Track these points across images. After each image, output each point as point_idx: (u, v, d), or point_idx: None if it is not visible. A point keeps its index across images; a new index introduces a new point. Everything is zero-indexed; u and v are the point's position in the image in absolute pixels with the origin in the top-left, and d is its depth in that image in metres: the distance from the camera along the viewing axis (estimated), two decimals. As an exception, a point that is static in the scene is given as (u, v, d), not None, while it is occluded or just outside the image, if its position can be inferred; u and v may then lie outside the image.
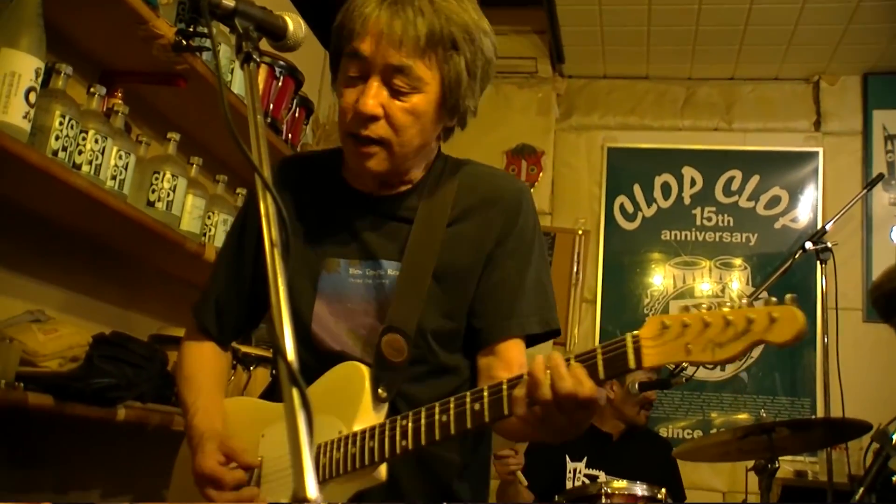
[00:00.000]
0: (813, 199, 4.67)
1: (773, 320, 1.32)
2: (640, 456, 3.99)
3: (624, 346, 1.39)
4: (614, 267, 4.68)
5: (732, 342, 1.33)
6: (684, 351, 1.36)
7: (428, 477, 1.77)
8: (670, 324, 1.37)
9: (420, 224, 1.78)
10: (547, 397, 1.41)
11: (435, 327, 1.76)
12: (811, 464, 4.30)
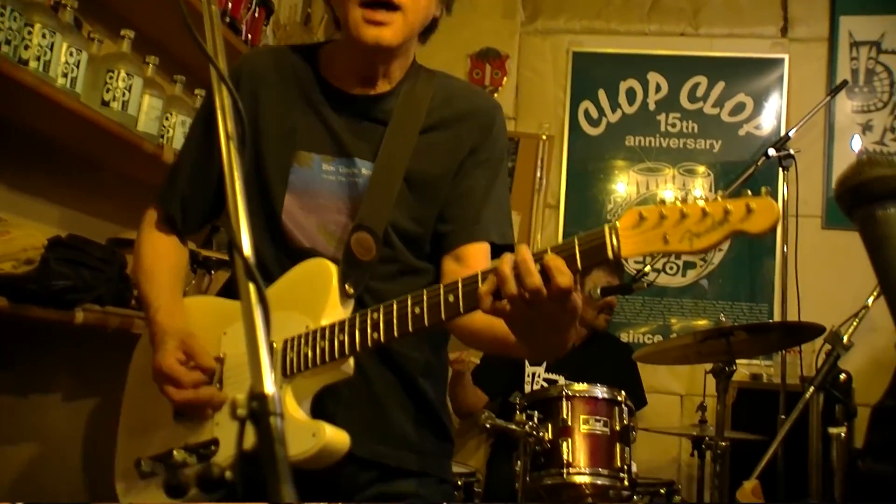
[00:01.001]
0: (777, 106, 4.65)
1: (751, 210, 1.33)
2: (601, 360, 4.05)
3: (602, 236, 1.41)
4: (578, 173, 4.66)
5: (710, 232, 1.34)
6: (662, 240, 1.37)
7: (395, 372, 1.81)
8: (647, 214, 1.38)
9: (395, 127, 1.80)
10: (513, 292, 1.42)
11: (404, 229, 1.79)
12: (766, 367, 4.38)
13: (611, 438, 3.04)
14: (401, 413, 1.82)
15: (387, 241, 1.77)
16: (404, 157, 1.78)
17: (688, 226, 1.36)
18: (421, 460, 1.84)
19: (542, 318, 1.46)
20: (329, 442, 1.60)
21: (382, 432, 1.79)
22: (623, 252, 1.39)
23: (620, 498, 3.13)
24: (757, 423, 3.57)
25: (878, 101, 4.61)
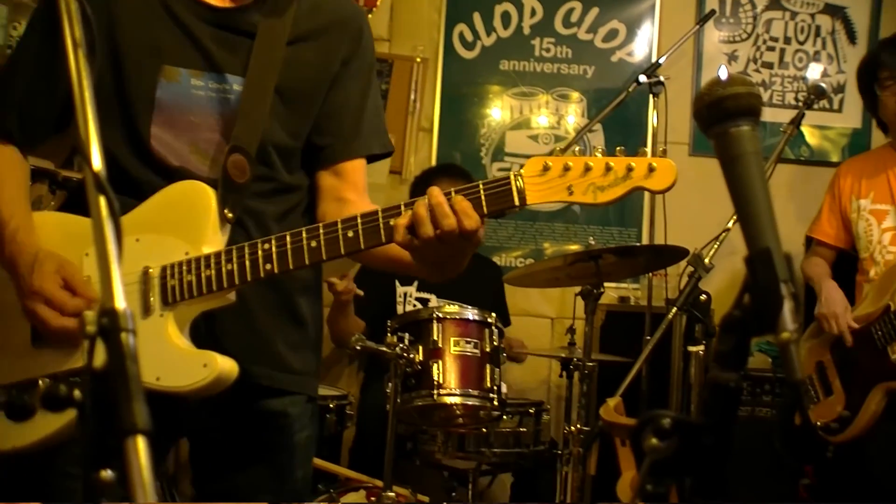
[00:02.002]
0: (649, 34, 4.71)
1: (652, 169, 1.42)
2: (471, 279, 4.07)
3: (508, 184, 1.46)
4: (452, 96, 4.64)
5: (613, 187, 1.41)
6: (567, 191, 1.43)
7: (274, 291, 1.79)
8: (552, 164, 1.43)
9: (262, 40, 1.75)
10: (429, 234, 1.48)
11: (278, 143, 1.77)
12: (634, 290, 4.51)
13: (481, 360, 3.08)
14: (278, 333, 1.82)
15: (262, 158, 1.74)
16: (274, 70, 1.74)
17: (592, 179, 1.43)
18: (293, 379, 1.85)
19: (448, 252, 1.52)
20: (221, 372, 1.60)
21: (258, 353, 1.79)
22: (529, 200, 1.45)
23: (490, 418, 3.20)
24: (624, 344, 3.67)
25: (742, 32, 4.72)
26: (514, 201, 1.47)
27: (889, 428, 3.19)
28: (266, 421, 1.82)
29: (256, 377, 1.77)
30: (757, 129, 1.09)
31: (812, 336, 3.53)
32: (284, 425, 1.83)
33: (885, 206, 3.31)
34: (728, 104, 1.07)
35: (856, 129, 4.65)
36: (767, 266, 1.01)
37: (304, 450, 1.89)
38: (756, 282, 1.01)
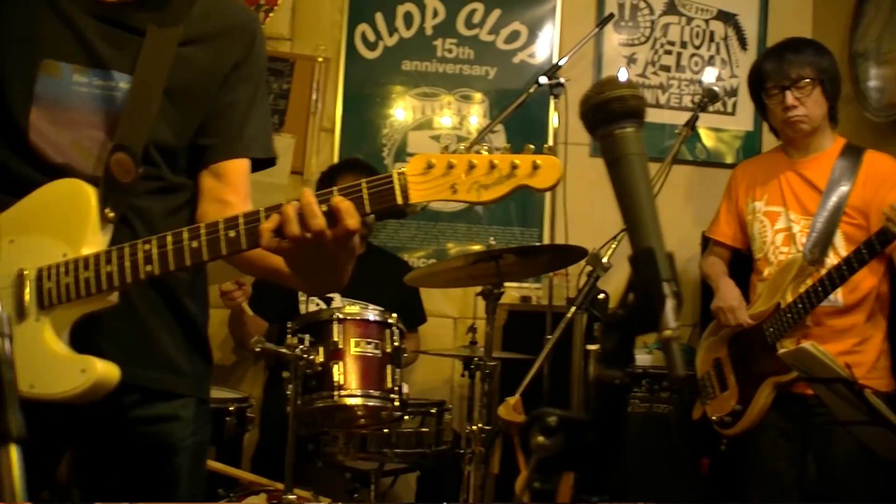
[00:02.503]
0: (550, 35, 4.76)
1: (537, 167, 1.41)
2: (378, 276, 4.09)
3: (390, 182, 1.44)
4: (354, 96, 4.61)
5: (497, 185, 1.40)
6: (450, 189, 1.42)
7: (160, 293, 1.76)
8: (436, 162, 1.41)
9: (152, 39, 1.71)
10: (295, 233, 1.45)
11: (163, 143, 1.73)
12: (536, 289, 4.55)
13: (382, 360, 3.08)
14: (165, 335, 1.79)
15: (147, 158, 1.70)
16: (163, 70, 1.71)
17: (476, 177, 1.42)
18: (183, 382, 1.82)
19: (322, 257, 1.49)
20: (100, 377, 1.55)
21: (146, 356, 1.75)
22: (412, 198, 1.44)
23: (392, 418, 3.20)
24: (527, 342, 3.69)
25: (641, 35, 4.81)
26: (398, 200, 1.45)
27: (776, 420, 3.30)
28: (154, 425, 1.78)
29: (144, 380, 1.74)
30: (641, 131, 1.10)
31: (711, 334, 3.63)
32: (174, 430, 1.80)
33: (778, 209, 3.41)
34: (613, 106, 1.09)
35: (748, 132, 4.78)
36: (650, 265, 1.03)
37: (194, 455, 1.86)
38: (639, 281, 1.03)
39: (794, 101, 3.26)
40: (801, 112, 3.26)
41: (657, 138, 4.71)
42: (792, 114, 3.27)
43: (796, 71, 3.26)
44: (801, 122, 3.28)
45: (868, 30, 4.13)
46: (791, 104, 3.26)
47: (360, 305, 3.58)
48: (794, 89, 3.26)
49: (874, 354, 3.22)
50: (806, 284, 3.17)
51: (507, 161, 1.42)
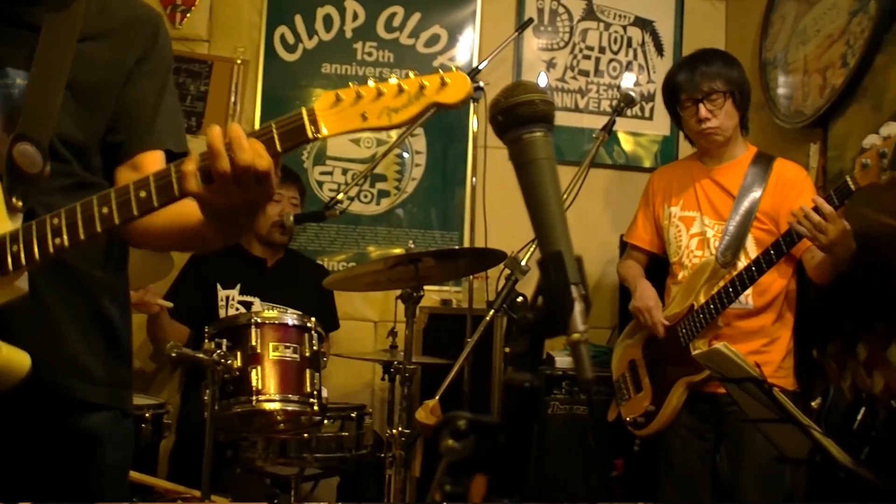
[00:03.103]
0: (471, 39, 4.78)
1: (445, 84, 1.43)
2: (296, 281, 4.07)
3: (300, 119, 1.43)
4: (273, 99, 4.57)
5: (407, 107, 1.41)
6: (360, 118, 1.41)
7: (78, 294, 1.72)
8: (344, 96, 1.42)
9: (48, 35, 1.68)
10: (225, 169, 1.41)
11: (70, 138, 1.70)
12: (456, 293, 4.57)
13: (300, 365, 3.06)
14: (83, 340, 1.74)
15: (55, 153, 1.67)
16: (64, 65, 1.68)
17: (385, 102, 1.42)
18: (105, 392, 1.77)
19: (242, 200, 1.45)
20: (7, 361, 1.50)
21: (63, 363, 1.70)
22: (323, 132, 1.42)
23: (311, 423, 3.18)
24: (447, 346, 3.70)
25: (560, 40, 4.87)
26: (309, 135, 1.43)
27: (688, 420, 3.37)
28: (75, 440, 1.72)
29: (62, 389, 1.69)
30: (550, 136, 1.12)
31: (626, 336, 3.69)
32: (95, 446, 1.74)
33: (693, 213, 3.48)
34: (522, 111, 1.10)
35: (665, 136, 4.87)
36: (559, 269, 1.04)
37: (117, 472, 1.82)
38: (548, 284, 1.04)
39: (707, 114, 3.34)
40: (714, 123, 3.35)
41: (576, 142, 4.77)
42: (706, 126, 3.35)
43: (708, 84, 3.34)
44: (715, 133, 3.37)
45: (776, 39, 4.25)
46: (704, 116, 3.34)
47: (278, 310, 3.56)
48: (707, 102, 3.34)
49: (781, 354, 3.31)
50: (718, 286, 3.24)
51: (414, 83, 1.43)
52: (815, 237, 2.91)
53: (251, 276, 4.05)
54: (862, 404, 3.15)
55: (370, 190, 4.64)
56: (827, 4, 3.85)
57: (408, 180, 4.68)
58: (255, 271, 4.09)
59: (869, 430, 3.00)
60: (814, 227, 2.90)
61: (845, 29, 3.68)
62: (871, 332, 3.38)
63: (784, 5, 4.22)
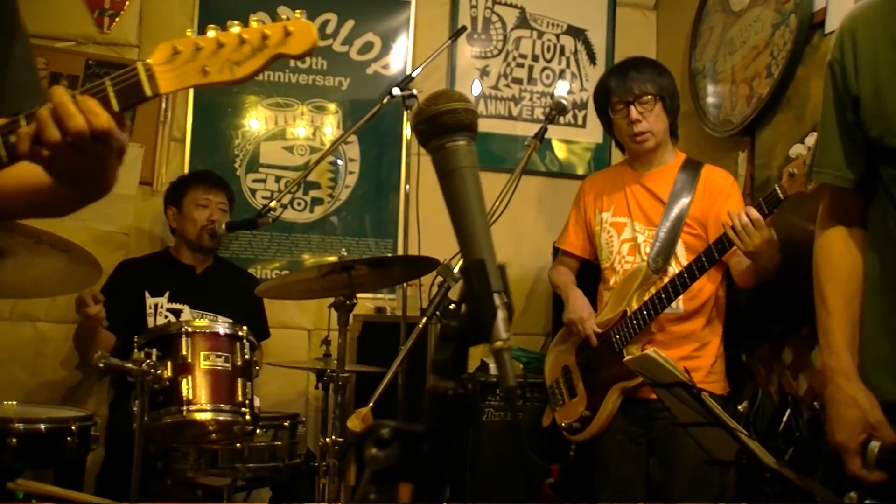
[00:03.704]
0: (405, 47, 4.78)
1: (289, 33, 1.36)
2: (226, 289, 4.03)
3: (136, 75, 1.36)
4: (205, 106, 4.51)
5: (250, 59, 1.36)
6: (201, 73, 1.36)
7: None
8: (182, 48, 1.36)
9: None
10: (55, 138, 1.35)
11: None
12: (390, 300, 4.55)
13: (232, 374, 3.04)
14: None
15: None
16: None
17: (226, 55, 1.36)
18: None
19: (86, 162, 1.40)
20: None
21: None
22: (162, 88, 1.37)
23: (244, 432, 3.15)
24: (381, 354, 3.68)
25: (494, 48, 4.89)
26: (146, 92, 1.38)
27: (623, 424, 3.40)
28: None
29: None
30: (473, 144, 1.12)
31: (560, 342, 3.71)
32: None
33: (624, 219, 3.52)
34: (445, 119, 1.09)
35: (598, 144, 4.92)
36: (482, 277, 1.04)
37: None
38: (471, 292, 1.05)
39: (637, 116, 3.39)
40: (644, 126, 3.40)
41: (510, 150, 4.79)
42: (637, 129, 3.40)
43: (639, 87, 3.40)
44: (646, 137, 3.42)
45: (705, 49, 4.32)
46: (635, 118, 3.39)
47: (209, 318, 3.52)
48: (638, 104, 3.39)
49: (711, 359, 3.36)
50: (650, 292, 3.29)
51: (256, 33, 1.37)
52: (743, 242, 2.97)
53: (180, 283, 4.00)
54: (788, 406, 3.21)
55: (303, 198, 4.61)
56: (752, 17, 3.93)
57: (341, 188, 4.66)
58: (184, 278, 4.04)
59: (794, 431, 3.06)
60: (743, 231, 2.96)
61: (769, 41, 3.76)
62: (797, 337, 3.45)
63: (712, 17, 4.29)
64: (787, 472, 2.41)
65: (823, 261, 2.09)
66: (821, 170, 2.05)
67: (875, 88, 1.83)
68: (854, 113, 1.90)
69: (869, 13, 1.91)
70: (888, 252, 1.89)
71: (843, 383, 1.92)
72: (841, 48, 1.93)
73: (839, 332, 1.98)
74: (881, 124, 1.83)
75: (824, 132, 2.01)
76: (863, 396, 1.88)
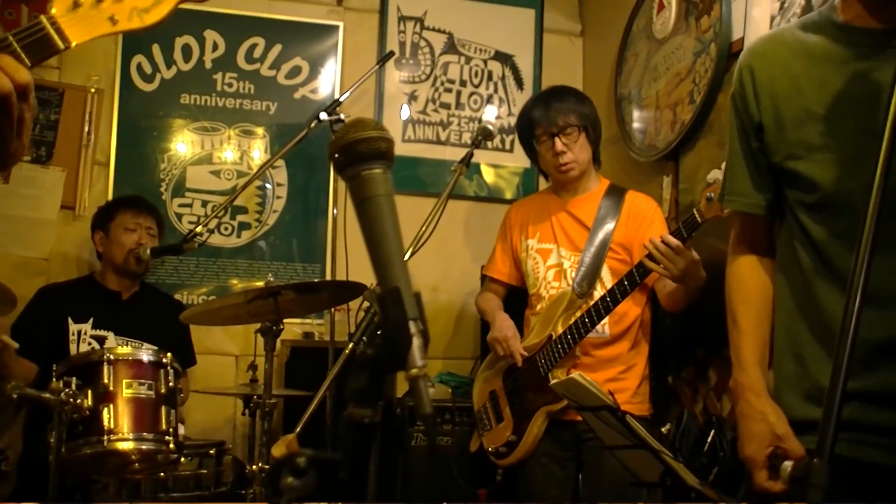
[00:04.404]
0: (332, 72, 4.78)
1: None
2: (151, 315, 3.97)
3: (42, 28, 1.33)
4: (130, 129, 4.45)
5: (157, 5, 1.39)
6: (109, 22, 1.35)
7: None
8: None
9: None
10: None
11: None
12: (318, 325, 4.53)
13: (156, 402, 2.99)
14: None
15: None
16: None
17: (133, 3, 1.37)
18: None
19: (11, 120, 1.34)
20: None
21: None
22: (72, 38, 1.35)
23: (168, 461, 3.09)
24: (310, 379, 3.65)
25: (422, 73, 4.92)
26: (58, 45, 1.35)
27: (549, 448, 3.42)
28: None
29: None
30: (389, 172, 1.12)
31: (487, 367, 3.72)
32: None
33: (549, 246, 3.55)
34: (360, 148, 1.10)
35: (526, 169, 4.96)
36: (397, 305, 1.04)
37: None
38: (386, 320, 1.05)
39: (562, 147, 3.43)
40: (570, 157, 3.45)
41: (439, 174, 4.81)
42: (562, 160, 3.44)
43: (563, 118, 3.44)
44: (571, 168, 3.46)
45: (630, 75, 4.39)
46: (561, 150, 3.43)
47: (133, 345, 3.46)
48: (562, 136, 3.44)
49: (637, 381, 3.40)
50: (575, 316, 3.32)
51: None
52: (666, 268, 3.02)
53: (105, 309, 3.92)
54: (712, 427, 3.25)
55: (231, 222, 4.57)
56: (675, 44, 4.01)
57: (269, 212, 4.63)
58: (109, 305, 3.96)
59: (718, 450, 3.10)
60: (664, 258, 3.01)
61: (691, 68, 3.84)
62: (721, 358, 3.51)
63: (637, 44, 4.37)
64: (709, 492, 2.45)
65: (735, 284, 2.16)
66: (731, 197, 2.11)
67: (775, 116, 1.92)
68: (758, 140, 1.99)
69: (764, 47, 2.01)
70: (795, 275, 1.96)
71: (752, 399, 1.97)
72: (741, 81, 2.02)
73: (749, 350, 2.04)
74: (783, 149, 1.92)
75: (732, 160, 2.09)
76: (771, 411, 1.93)
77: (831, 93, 1.81)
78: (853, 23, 1.82)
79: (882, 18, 1.77)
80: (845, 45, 1.82)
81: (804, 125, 1.86)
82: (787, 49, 1.93)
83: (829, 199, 1.83)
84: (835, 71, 1.82)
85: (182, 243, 3.66)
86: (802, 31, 1.94)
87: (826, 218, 1.85)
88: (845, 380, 1.13)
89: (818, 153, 1.83)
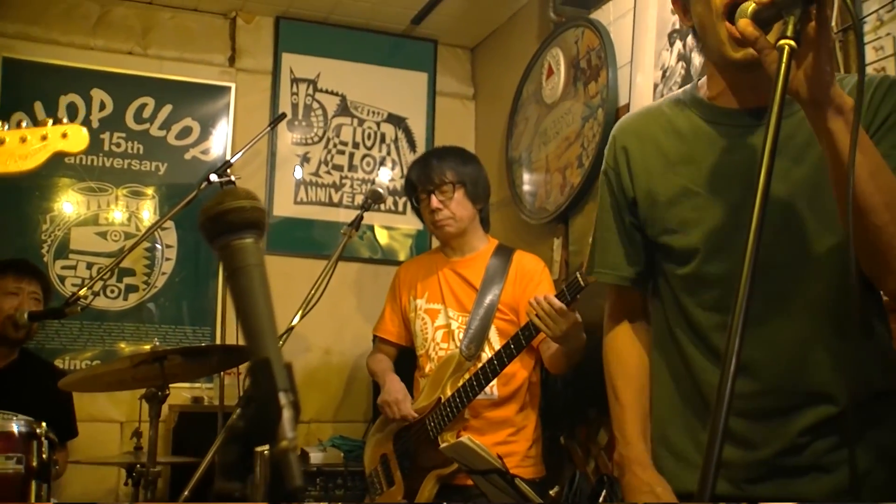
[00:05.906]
0: (224, 133, 4.76)
1: (66, 135, 1.75)
2: (29, 385, 3.82)
3: None
4: (10, 189, 4.31)
5: (36, 154, 1.66)
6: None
7: None
8: None
9: None
10: None
11: None
12: (207, 389, 4.43)
13: (26, 477, 2.85)
14: None
15: None
16: None
17: (11, 150, 1.62)
18: None
19: None
20: None
21: None
22: None
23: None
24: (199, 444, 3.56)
25: (314, 135, 4.93)
26: None
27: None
28: None
29: None
30: (261, 242, 1.11)
31: (378, 430, 3.69)
32: None
33: (438, 306, 3.56)
34: (231, 217, 1.09)
35: (419, 230, 4.99)
36: (267, 376, 1.03)
37: None
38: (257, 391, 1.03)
39: (438, 204, 3.48)
40: (446, 214, 3.48)
41: (331, 236, 4.80)
42: (437, 217, 3.48)
43: (438, 176, 3.49)
44: (447, 224, 3.50)
45: (521, 139, 4.48)
46: (436, 206, 3.48)
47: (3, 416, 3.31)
48: (438, 192, 3.49)
49: (527, 444, 3.41)
50: (464, 379, 3.32)
51: (37, 133, 1.68)
52: (549, 327, 3.05)
53: (-19, 379, 3.77)
54: (604, 486, 3.28)
55: (117, 285, 4.46)
56: (563, 109, 4.11)
57: (158, 274, 4.54)
58: (-14, 375, 3.81)
59: (608, 511, 3.13)
60: (547, 317, 3.04)
61: (580, 132, 3.94)
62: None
63: (527, 108, 4.47)
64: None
65: (613, 357, 2.18)
66: (600, 269, 2.14)
67: (648, 192, 1.96)
68: (632, 215, 2.02)
69: (636, 124, 2.05)
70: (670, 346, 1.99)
71: (639, 472, 2.00)
72: (615, 157, 2.05)
73: (632, 424, 2.06)
74: (657, 224, 1.95)
75: (603, 234, 2.11)
76: (657, 482, 1.96)
77: (702, 170, 1.86)
78: (717, 102, 1.87)
79: (744, 99, 1.83)
80: (712, 124, 1.87)
81: (678, 202, 1.90)
82: (658, 126, 1.97)
83: (701, 271, 1.87)
84: (705, 148, 1.87)
85: (64, 306, 3.55)
86: (671, 108, 1.98)
87: (698, 289, 1.89)
88: (721, 443, 1.15)
89: (692, 228, 1.87)
